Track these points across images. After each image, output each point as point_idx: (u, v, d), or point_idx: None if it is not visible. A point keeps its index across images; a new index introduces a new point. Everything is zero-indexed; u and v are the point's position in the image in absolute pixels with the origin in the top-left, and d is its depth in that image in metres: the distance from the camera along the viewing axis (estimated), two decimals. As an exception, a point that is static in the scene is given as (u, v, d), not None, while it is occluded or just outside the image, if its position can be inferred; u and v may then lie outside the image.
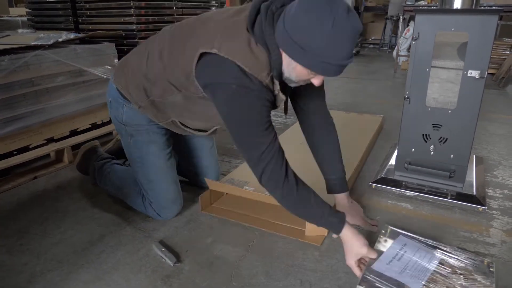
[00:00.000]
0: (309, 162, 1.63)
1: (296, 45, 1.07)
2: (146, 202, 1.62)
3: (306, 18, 1.03)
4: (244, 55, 1.15)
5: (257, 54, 1.16)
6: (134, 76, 1.47)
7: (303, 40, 1.05)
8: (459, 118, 1.72)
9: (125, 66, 1.53)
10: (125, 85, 1.50)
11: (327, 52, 1.05)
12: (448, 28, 1.63)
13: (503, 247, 1.48)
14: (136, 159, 1.61)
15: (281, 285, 1.28)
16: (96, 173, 1.86)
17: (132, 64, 1.50)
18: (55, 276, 1.31)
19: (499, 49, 4.91)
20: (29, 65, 2.02)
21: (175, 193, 1.64)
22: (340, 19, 1.03)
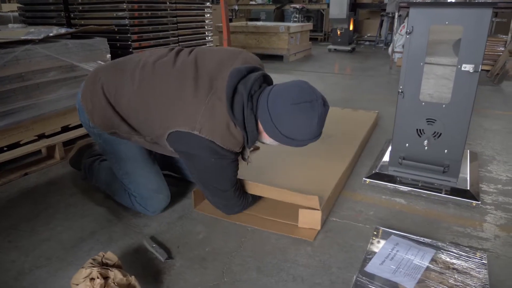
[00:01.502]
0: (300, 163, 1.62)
1: (285, 137, 1.29)
2: (132, 197, 1.60)
3: (296, 124, 1.25)
4: (222, 137, 1.28)
5: (235, 135, 1.30)
6: (102, 107, 1.46)
7: (293, 135, 1.28)
8: (453, 112, 1.71)
9: (95, 84, 1.49)
10: (91, 111, 1.50)
11: (310, 138, 1.29)
12: (442, 22, 1.61)
13: (497, 241, 1.47)
14: (110, 155, 1.60)
15: (273, 280, 1.26)
16: (87, 170, 1.84)
17: (104, 86, 1.47)
18: (43, 273, 1.29)
19: (494, 46, 4.91)
20: (19, 60, 1.99)
21: (157, 183, 1.61)
22: (321, 114, 1.25)
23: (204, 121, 1.26)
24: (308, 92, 1.25)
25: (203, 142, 1.27)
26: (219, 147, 1.29)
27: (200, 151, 1.31)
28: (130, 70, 1.45)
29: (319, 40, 8.92)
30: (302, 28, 6.33)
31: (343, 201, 1.76)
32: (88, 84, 1.54)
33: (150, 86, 1.39)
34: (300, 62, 5.93)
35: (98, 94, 1.47)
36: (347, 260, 1.36)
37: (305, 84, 1.29)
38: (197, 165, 1.39)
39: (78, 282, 1.13)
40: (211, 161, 1.34)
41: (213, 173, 1.39)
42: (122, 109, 1.44)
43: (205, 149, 1.30)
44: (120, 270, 1.17)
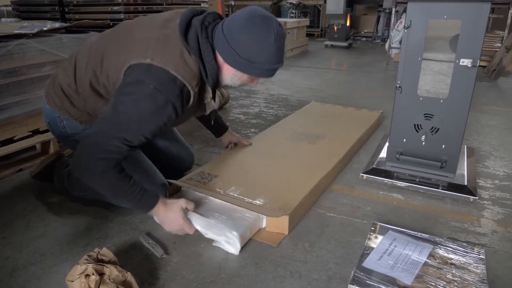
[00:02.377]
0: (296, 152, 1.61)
1: (244, 60, 1.25)
2: None
3: (252, 38, 1.22)
4: (176, 64, 1.23)
5: (190, 64, 1.26)
6: (66, 94, 1.46)
7: (252, 55, 1.24)
8: (451, 107, 1.70)
9: (54, 86, 1.50)
10: (61, 104, 1.48)
11: (270, 61, 1.26)
12: (440, 16, 1.60)
13: (494, 236, 1.47)
14: None
15: (271, 276, 1.25)
16: (66, 181, 1.69)
17: (61, 82, 1.47)
18: (38, 269, 1.27)
19: (491, 42, 4.92)
20: (12, 54, 1.96)
21: (156, 176, 1.60)
22: (278, 31, 1.23)
23: (156, 50, 1.23)
24: (260, 11, 1.25)
25: (154, 69, 1.21)
26: (172, 77, 1.22)
27: (148, 78, 1.21)
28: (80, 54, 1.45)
29: (315, 36, 8.90)
30: (298, 24, 6.31)
31: (340, 197, 1.75)
32: (49, 89, 1.53)
33: (101, 43, 1.40)
34: (296, 58, 5.91)
35: (61, 87, 1.46)
36: (345, 256, 1.35)
37: (257, 7, 1.27)
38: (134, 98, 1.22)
39: (73, 278, 1.12)
40: (152, 94, 1.20)
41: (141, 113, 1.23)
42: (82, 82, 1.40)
43: (154, 77, 1.21)
44: (115, 266, 1.16)
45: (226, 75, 1.34)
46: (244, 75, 1.33)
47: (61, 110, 1.49)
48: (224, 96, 3.06)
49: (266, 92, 3.75)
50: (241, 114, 2.99)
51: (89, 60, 1.39)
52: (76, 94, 1.44)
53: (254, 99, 3.47)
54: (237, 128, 2.67)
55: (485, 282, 1.17)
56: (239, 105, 3.23)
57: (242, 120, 2.84)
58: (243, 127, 2.68)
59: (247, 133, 2.56)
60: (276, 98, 3.51)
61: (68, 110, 1.48)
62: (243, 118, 2.89)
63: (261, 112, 3.07)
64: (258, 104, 3.31)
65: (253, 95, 3.60)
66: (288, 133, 2.28)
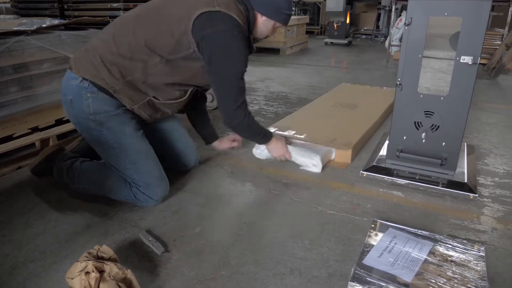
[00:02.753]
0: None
1: (272, 7, 1.58)
2: (134, 188, 1.58)
3: None
4: (236, 11, 1.50)
5: (241, 11, 1.53)
6: (105, 62, 1.49)
7: (277, 3, 1.57)
8: (452, 104, 1.70)
9: (89, 55, 1.53)
10: (96, 73, 1.49)
11: (288, 7, 1.61)
12: (441, 13, 1.60)
13: (494, 234, 1.47)
14: (113, 145, 1.56)
15: (271, 273, 1.25)
16: (65, 175, 1.70)
17: (99, 50, 1.51)
18: (38, 267, 1.27)
19: (491, 39, 4.91)
20: (11, 51, 1.95)
21: (160, 170, 1.64)
22: None
23: (220, 1, 1.48)
24: None
25: (224, 17, 1.47)
26: (235, 20, 1.48)
27: (224, 26, 1.47)
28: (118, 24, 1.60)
29: (315, 33, 8.88)
30: (298, 21, 6.30)
31: (340, 194, 1.75)
32: (80, 59, 1.55)
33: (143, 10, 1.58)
34: (296, 56, 5.90)
35: (98, 54, 1.51)
36: (345, 253, 1.35)
37: None
38: (219, 48, 1.48)
39: (73, 276, 1.12)
40: (232, 36, 1.48)
41: (231, 52, 1.50)
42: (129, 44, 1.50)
43: (226, 23, 1.47)
44: (115, 263, 1.15)
45: (259, 26, 1.62)
46: (270, 23, 1.61)
47: (96, 78, 1.49)
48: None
49: (265, 89, 3.74)
50: (240, 112, 2.98)
51: (135, 23, 1.53)
52: (121, 58, 1.49)
53: (254, 96, 3.47)
54: (237, 125, 2.66)
55: (485, 279, 1.17)
56: (239, 103, 3.22)
57: (242, 118, 2.83)
58: (243, 125, 2.67)
59: (247, 131, 2.55)
60: (276, 96, 3.50)
61: (104, 77, 1.49)
62: (243, 116, 2.88)
63: (261, 109, 3.06)
64: (258, 101, 3.30)
65: (253, 93, 3.59)
66: (331, 103, 2.89)
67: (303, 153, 1.97)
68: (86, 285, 1.08)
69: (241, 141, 2.12)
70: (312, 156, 1.96)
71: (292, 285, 1.21)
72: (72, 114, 1.59)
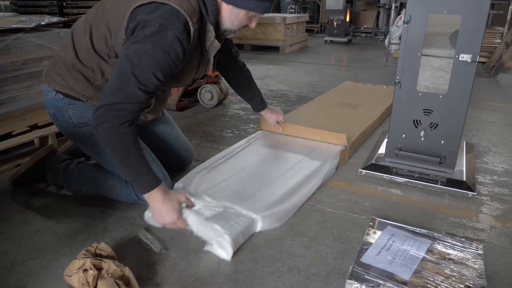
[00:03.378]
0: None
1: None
2: (132, 189, 1.57)
3: None
4: (185, 4, 1.26)
5: (190, 0, 1.28)
6: (69, 70, 1.45)
7: None
8: (450, 103, 1.70)
9: (55, 66, 1.49)
10: (64, 83, 1.47)
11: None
12: (440, 11, 1.59)
13: (492, 232, 1.47)
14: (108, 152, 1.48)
15: (269, 271, 1.25)
16: (61, 177, 1.66)
17: (62, 59, 1.46)
18: (36, 264, 1.27)
19: (490, 38, 4.91)
20: (10, 48, 1.95)
21: (161, 170, 1.61)
22: None
23: None
24: None
25: (160, 7, 1.24)
26: (175, 12, 1.23)
27: (154, 16, 1.23)
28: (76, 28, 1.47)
29: (315, 31, 8.87)
30: (298, 19, 6.29)
31: (339, 192, 1.75)
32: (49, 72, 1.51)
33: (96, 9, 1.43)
34: (296, 54, 5.90)
35: (62, 64, 1.46)
36: (343, 251, 1.35)
37: None
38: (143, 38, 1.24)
39: (71, 273, 1.12)
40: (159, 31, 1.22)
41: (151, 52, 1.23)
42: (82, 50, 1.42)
43: (159, 15, 1.23)
44: (113, 261, 1.16)
45: (224, 16, 1.37)
46: (240, 12, 1.36)
47: (66, 88, 1.46)
48: (223, 92, 3.05)
49: (265, 87, 3.74)
50: (240, 110, 2.98)
51: (86, 26, 1.41)
52: (81, 65, 1.43)
53: (253, 94, 3.46)
54: (236, 123, 2.66)
55: (483, 277, 1.17)
56: (238, 101, 3.22)
57: (241, 116, 2.83)
58: (242, 123, 2.68)
59: (246, 129, 2.55)
60: (275, 94, 3.50)
61: (73, 87, 1.46)
62: (242, 114, 2.88)
63: (260, 107, 3.05)
64: (257, 99, 3.29)
65: (252, 91, 3.59)
66: (332, 102, 2.86)
67: (208, 227, 1.35)
68: (84, 283, 1.08)
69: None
70: (218, 234, 1.32)
71: (291, 282, 1.21)
72: (59, 126, 1.58)
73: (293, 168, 1.85)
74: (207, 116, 2.84)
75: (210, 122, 2.71)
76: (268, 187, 1.67)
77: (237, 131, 2.52)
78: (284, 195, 1.61)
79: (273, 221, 1.48)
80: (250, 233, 1.42)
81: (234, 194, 1.59)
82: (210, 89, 2.96)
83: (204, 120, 2.75)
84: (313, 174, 1.82)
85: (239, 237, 1.36)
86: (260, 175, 1.79)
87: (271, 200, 1.56)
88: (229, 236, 1.31)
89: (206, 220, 1.38)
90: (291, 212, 1.56)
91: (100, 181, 1.61)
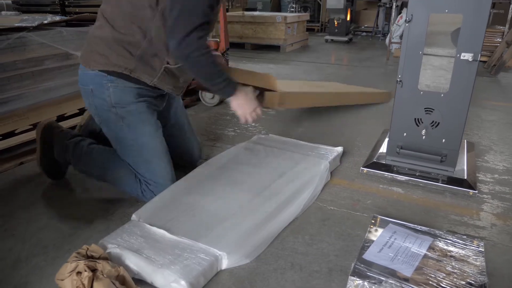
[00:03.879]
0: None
1: None
2: (143, 185, 1.59)
3: None
4: None
5: None
6: (109, 45, 1.48)
7: None
8: (452, 101, 1.71)
9: (92, 46, 1.52)
10: (106, 61, 1.48)
11: None
12: (442, 10, 1.60)
13: (493, 230, 1.48)
14: (130, 142, 1.57)
15: (271, 268, 1.26)
16: (71, 153, 1.68)
17: (99, 37, 1.50)
18: (40, 261, 1.28)
19: (491, 37, 4.91)
20: (12, 47, 1.96)
21: (171, 172, 1.65)
22: None
23: None
24: None
25: None
26: None
27: None
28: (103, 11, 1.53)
29: (315, 30, 8.86)
30: (299, 18, 6.29)
31: (340, 190, 1.76)
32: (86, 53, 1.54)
33: None
34: (297, 53, 5.90)
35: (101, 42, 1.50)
36: (345, 248, 1.36)
37: None
38: None
39: (63, 277, 1.10)
40: None
41: None
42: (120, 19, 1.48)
43: None
44: (107, 261, 1.14)
45: None
46: None
47: (108, 66, 1.48)
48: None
49: (266, 86, 3.74)
50: (241, 109, 2.99)
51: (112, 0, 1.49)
52: (121, 34, 1.47)
53: (255, 93, 3.47)
54: (237, 122, 2.67)
55: (484, 274, 1.18)
56: (240, 100, 3.23)
57: (242, 114, 2.84)
58: (244, 121, 2.68)
59: (247, 127, 2.56)
60: (276, 93, 3.50)
61: (115, 62, 1.48)
62: (243, 113, 2.88)
63: (262, 106, 3.06)
64: (259, 98, 3.30)
65: (254, 90, 3.59)
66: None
67: (157, 271, 1.17)
68: (79, 285, 1.06)
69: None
70: (171, 280, 1.14)
71: (293, 279, 1.22)
72: (93, 104, 1.57)
73: (269, 190, 1.65)
74: (209, 114, 2.85)
75: (212, 120, 2.72)
76: (237, 216, 1.47)
77: (239, 129, 2.53)
78: (256, 225, 1.42)
79: (241, 256, 1.28)
80: (214, 272, 1.23)
81: (196, 228, 1.39)
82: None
83: (206, 118, 2.76)
84: (294, 196, 1.62)
85: (199, 279, 1.17)
86: (228, 202, 1.57)
87: (240, 233, 1.37)
88: (185, 281, 1.13)
89: (158, 264, 1.19)
90: (264, 245, 1.36)
91: (109, 168, 1.62)
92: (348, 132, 2.48)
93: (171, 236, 1.33)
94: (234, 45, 5.90)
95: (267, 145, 2.09)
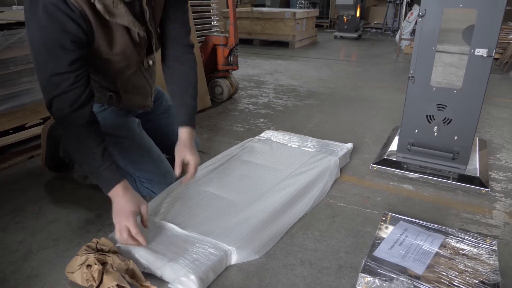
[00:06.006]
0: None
1: None
2: (139, 183, 1.59)
3: None
4: None
5: None
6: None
7: None
8: (465, 98, 1.68)
9: None
10: None
11: None
12: (456, 4, 1.57)
13: (506, 228, 1.46)
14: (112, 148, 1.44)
15: (281, 264, 1.26)
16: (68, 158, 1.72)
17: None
18: (51, 253, 1.29)
19: (504, 33, 4.83)
20: (23, 41, 1.97)
21: (163, 167, 1.61)
22: None
23: None
24: None
25: None
26: None
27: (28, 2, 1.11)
28: None
29: (324, 27, 8.81)
30: (308, 15, 6.25)
31: (350, 187, 1.75)
32: None
33: None
34: (305, 49, 5.87)
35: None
36: (355, 245, 1.35)
37: None
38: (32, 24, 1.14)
39: (74, 270, 1.11)
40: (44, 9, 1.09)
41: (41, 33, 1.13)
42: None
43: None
44: (117, 255, 1.15)
45: None
46: None
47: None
48: (234, 86, 3.05)
49: (275, 82, 3.73)
50: (250, 104, 2.98)
51: None
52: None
53: (263, 89, 3.46)
54: (246, 118, 2.66)
55: (498, 273, 1.16)
56: (248, 95, 3.22)
57: (251, 110, 2.83)
58: (253, 117, 2.67)
59: (256, 123, 2.55)
60: (285, 89, 3.49)
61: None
62: (252, 108, 2.88)
63: (270, 102, 3.05)
64: (267, 94, 3.29)
65: (262, 85, 3.58)
66: None
67: (167, 265, 1.16)
68: (89, 278, 1.07)
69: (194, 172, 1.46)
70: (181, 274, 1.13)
71: (303, 275, 1.21)
72: None
73: (279, 186, 1.62)
74: (217, 110, 2.84)
75: (220, 116, 2.71)
76: (246, 211, 1.45)
77: (248, 125, 2.52)
78: (265, 221, 1.39)
79: (250, 252, 1.27)
80: (223, 267, 1.22)
81: (206, 222, 1.38)
82: (220, 83, 2.95)
83: (215, 114, 2.75)
84: (304, 192, 1.60)
85: (208, 274, 1.16)
86: (237, 197, 1.55)
87: (249, 228, 1.34)
88: (195, 275, 1.12)
89: (167, 259, 1.18)
90: (273, 241, 1.35)
91: None
92: (358, 129, 2.46)
93: (180, 230, 1.33)
94: (243, 41, 5.88)
95: (277, 140, 2.08)
